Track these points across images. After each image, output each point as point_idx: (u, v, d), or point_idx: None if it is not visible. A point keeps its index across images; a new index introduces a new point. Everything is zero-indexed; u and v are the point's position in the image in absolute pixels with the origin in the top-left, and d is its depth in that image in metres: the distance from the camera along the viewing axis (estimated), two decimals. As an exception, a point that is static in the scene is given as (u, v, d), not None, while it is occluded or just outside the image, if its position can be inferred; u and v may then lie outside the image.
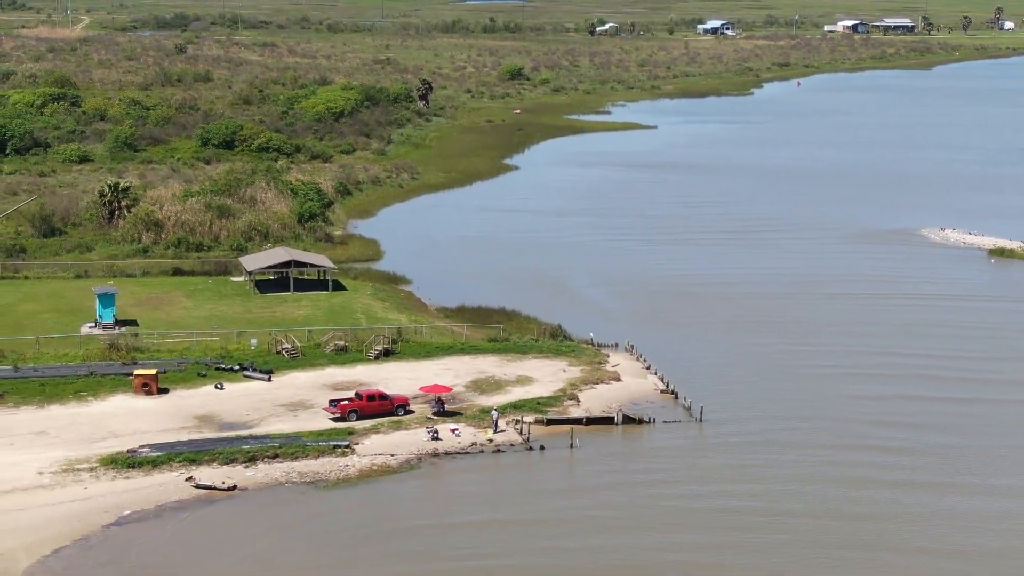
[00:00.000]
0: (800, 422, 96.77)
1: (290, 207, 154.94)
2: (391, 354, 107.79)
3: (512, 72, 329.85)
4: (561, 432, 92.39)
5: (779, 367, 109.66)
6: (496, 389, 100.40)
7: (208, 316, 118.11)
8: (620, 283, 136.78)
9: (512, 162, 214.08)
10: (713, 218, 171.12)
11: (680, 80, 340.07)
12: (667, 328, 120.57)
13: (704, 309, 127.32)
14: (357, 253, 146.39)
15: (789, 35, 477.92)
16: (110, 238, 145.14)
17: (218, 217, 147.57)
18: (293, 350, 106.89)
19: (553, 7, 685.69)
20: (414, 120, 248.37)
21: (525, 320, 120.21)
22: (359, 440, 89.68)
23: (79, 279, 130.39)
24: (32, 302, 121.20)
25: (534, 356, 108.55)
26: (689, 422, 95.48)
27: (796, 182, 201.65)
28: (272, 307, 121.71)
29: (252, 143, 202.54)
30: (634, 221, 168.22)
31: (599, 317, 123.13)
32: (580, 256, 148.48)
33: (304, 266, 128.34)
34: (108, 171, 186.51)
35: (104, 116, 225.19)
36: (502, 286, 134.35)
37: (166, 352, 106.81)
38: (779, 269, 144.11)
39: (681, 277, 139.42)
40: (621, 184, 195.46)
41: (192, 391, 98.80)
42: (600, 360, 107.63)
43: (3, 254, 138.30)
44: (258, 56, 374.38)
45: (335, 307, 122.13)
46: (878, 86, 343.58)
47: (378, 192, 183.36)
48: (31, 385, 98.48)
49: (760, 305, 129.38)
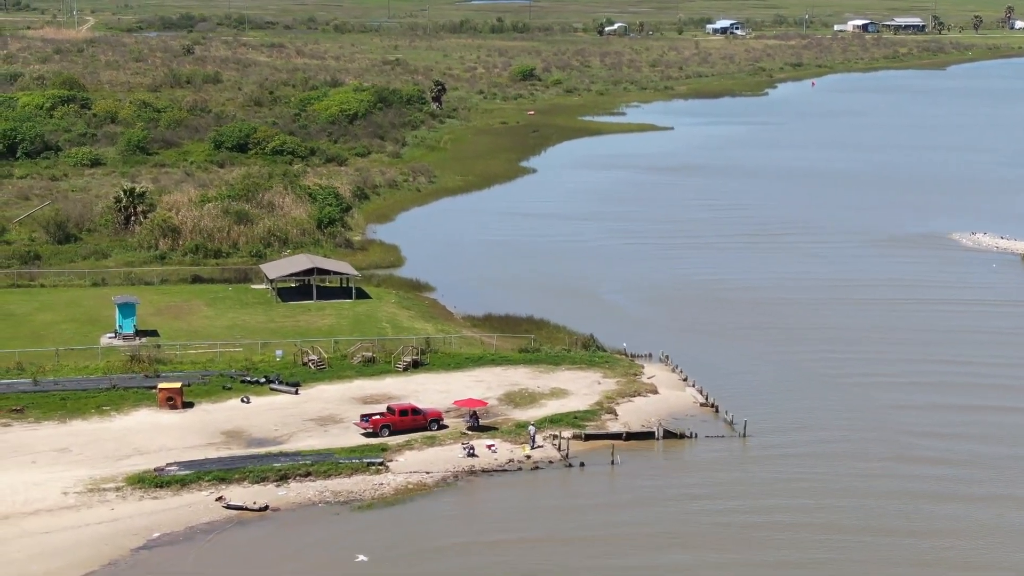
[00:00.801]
0: (845, 433, 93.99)
1: (309, 212, 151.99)
2: (420, 365, 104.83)
3: (524, 73, 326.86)
4: (600, 448, 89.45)
5: (817, 376, 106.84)
6: (530, 402, 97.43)
7: (230, 325, 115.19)
8: (647, 289, 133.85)
9: (529, 164, 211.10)
10: (738, 222, 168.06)
11: (693, 81, 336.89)
12: (700, 337, 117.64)
13: (735, 316, 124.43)
14: (378, 259, 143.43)
15: (799, 35, 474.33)
16: (126, 244, 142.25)
17: (236, 223, 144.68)
18: (320, 362, 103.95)
19: (559, 7, 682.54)
20: (428, 122, 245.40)
21: (554, 329, 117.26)
22: (393, 457, 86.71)
23: (96, 287, 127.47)
24: (49, 311, 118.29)
25: (567, 367, 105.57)
26: (732, 437, 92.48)
27: (818, 185, 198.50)
28: (295, 316, 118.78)
29: (266, 146, 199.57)
30: (657, 226, 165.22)
31: (629, 325, 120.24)
32: (605, 261, 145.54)
33: (327, 273, 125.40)
34: (121, 175, 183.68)
35: (115, 118, 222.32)
36: (528, 293, 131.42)
37: (189, 364, 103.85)
38: (809, 274, 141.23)
39: (709, 283, 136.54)
40: (641, 187, 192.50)
41: (218, 405, 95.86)
42: (635, 372, 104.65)
43: (18, 261, 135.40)
44: (266, 57, 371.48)
45: (360, 316, 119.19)
46: (893, 86, 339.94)
47: (396, 196, 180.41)
48: (51, 399, 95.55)
49: (792, 312, 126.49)
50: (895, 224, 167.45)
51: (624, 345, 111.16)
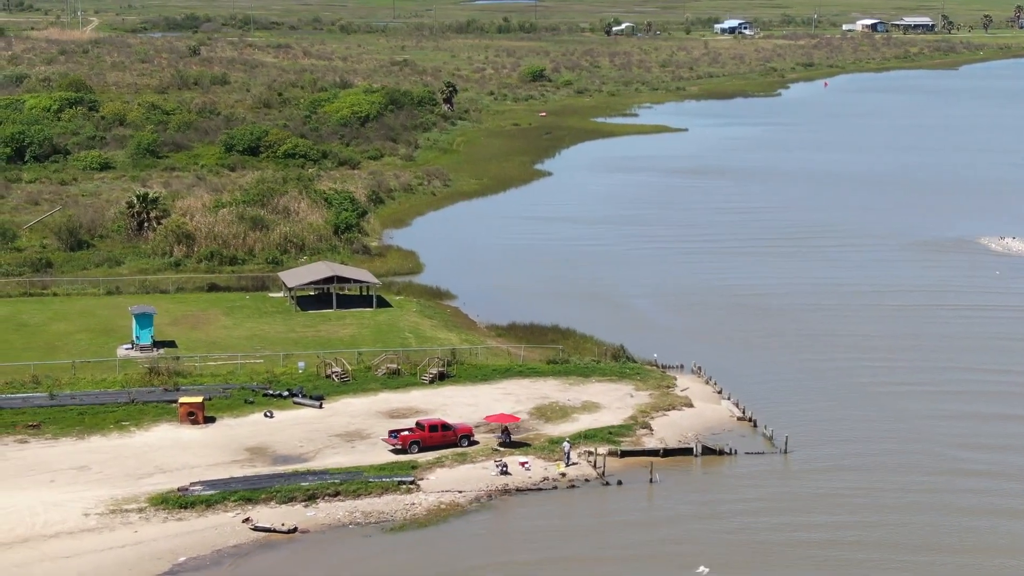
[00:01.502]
0: (887, 446, 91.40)
1: (325, 218, 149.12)
2: (446, 377, 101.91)
3: (534, 74, 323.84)
4: (637, 465, 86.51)
5: (850, 386, 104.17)
6: (562, 417, 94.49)
7: (249, 336, 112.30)
8: (673, 296, 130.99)
9: (544, 167, 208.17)
10: (760, 226, 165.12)
11: (704, 81, 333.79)
12: (728, 345, 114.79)
13: (763, 323, 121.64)
14: (396, 266, 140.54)
15: (808, 34, 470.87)
16: (140, 251, 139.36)
17: (251, 229, 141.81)
18: (343, 374, 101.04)
19: (565, 7, 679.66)
20: (439, 124, 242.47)
21: (581, 339, 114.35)
22: (424, 475, 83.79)
23: (110, 296, 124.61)
24: (63, 321, 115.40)
25: (597, 379, 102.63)
26: (773, 453, 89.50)
27: (840, 187, 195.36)
28: (315, 325, 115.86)
29: (278, 149, 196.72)
30: (679, 230, 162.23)
31: (656, 334, 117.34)
32: (628, 267, 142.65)
33: (347, 282, 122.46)
34: (131, 179, 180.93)
35: (123, 121, 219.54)
36: (552, 301, 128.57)
37: (209, 376, 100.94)
38: (836, 280, 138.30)
39: (734, 289, 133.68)
40: (660, 190, 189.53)
41: (240, 420, 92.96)
42: (668, 384, 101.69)
43: (29, 268, 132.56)
44: (273, 58, 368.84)
45: (381, 325, 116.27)
46: (907, 87, 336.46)
47: (411, 200, 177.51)
48: (69, 414, 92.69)
49: (820, 318, 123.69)
50: (921, 228, 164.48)
51: (655, 356, 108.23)
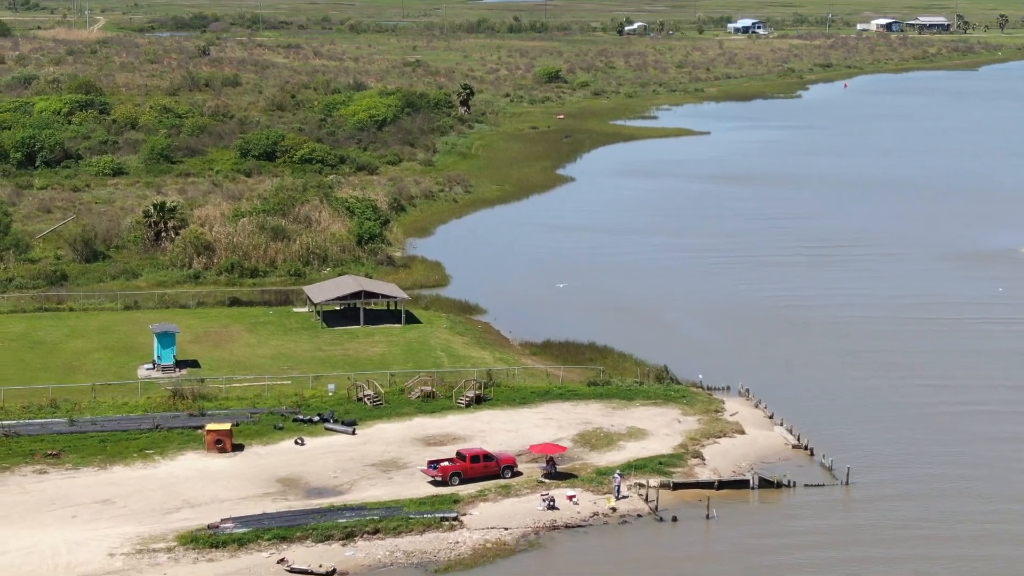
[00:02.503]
0: (952, 470, 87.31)
1: (347, 227, 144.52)
2: (483, 401, 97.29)
3: (549, 75, 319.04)
4: (691, 498, 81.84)
5: (902, 407, 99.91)
6: (607, 444, 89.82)
7: (275, 355, 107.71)
8: (709, 310, 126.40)
9: (566, 172, 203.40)
10: (794, 234, 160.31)
11: (722, 82, 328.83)
12: (775, 363, 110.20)
13: (809, 339, 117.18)
14: (422, 278, 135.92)
15: (824, 34, 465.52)
16: (157, 263, 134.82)
17: (272, 239, 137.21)
18: (376, 397, 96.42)
19: (574, 5, 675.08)
20: (457, 127, 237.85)
21: (620, 357, 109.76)
22: (467, 510, 79.13)
23: (128, 311, 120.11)
24: (80, 338, 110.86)
25: (641, 403, 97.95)
26: (833, 485, 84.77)
27: (872, 193, 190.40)
28: (343, 343, 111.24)
29: (294, 154, 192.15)
30: (709, 239, 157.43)
31: (697, 351, 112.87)
32: (662, 279, 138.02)
33: (375, 297, 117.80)
34: (145, 185, 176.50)
35: (135, 124, 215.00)
36: (584, 315, 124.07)
37: (235, 400, 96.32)
38: (879, 293, 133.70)
39: (774, 302, 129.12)
40: (687, 197, 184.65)
41: (270, 448, 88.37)
42: (716, 408, 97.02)
43: (44, 281, 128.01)
44: (283, 58, 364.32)
45: (412, 343, 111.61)
46: (928, 88, 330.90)
47: (433, 207, 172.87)
48: (90, 442, 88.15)
49: (868, 334, 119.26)
50: (960, 237, 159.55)
51: (700, 377, 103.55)
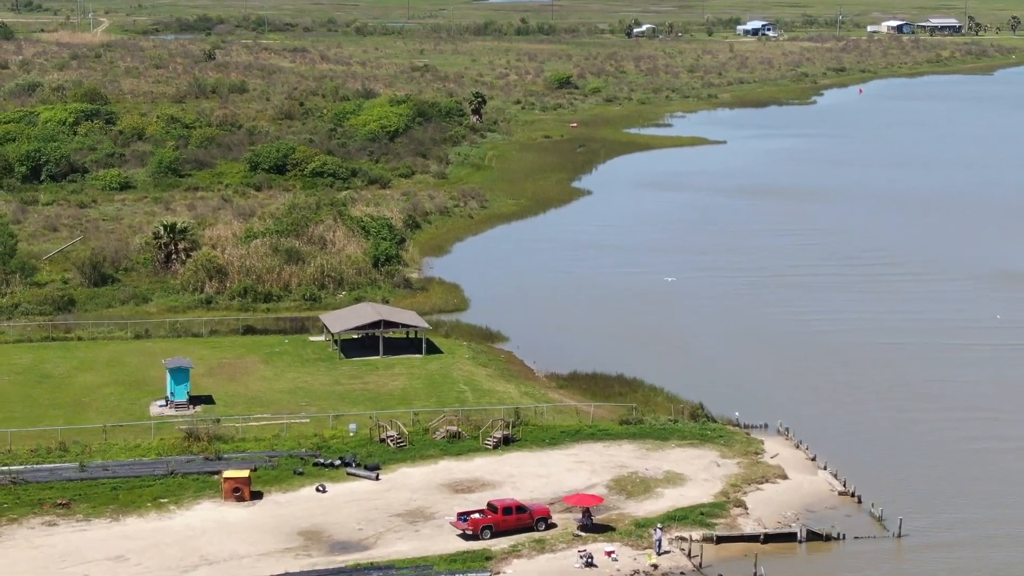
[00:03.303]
0: (1004, 512, 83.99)
1: (363, 248, 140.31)
2: (511, 441, 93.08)
3: (560, 80, 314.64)
4: (736, 553, 77.63)
5: (952, 443, 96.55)
6: (644, 491, 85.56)
7: (292, 389, 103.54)
8: (739, 336, 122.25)
9: (582, 185, 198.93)
10: (823, 253, 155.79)
11: (735, 88, 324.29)
12: (810, 397, 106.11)
13: (846, 369, 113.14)
14: (441, 302, 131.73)
15: (834, 36, 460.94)
16: (168, 286, 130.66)
17: (286, 262, 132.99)
18: (399, 439, 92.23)
19: (581, 5, 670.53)
20: (469, 136, 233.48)
21: (650, 391, 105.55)
22: (500, 567, 74.98)
23: (139, 340, 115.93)
24: (90, 371, 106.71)
25: (677, 443, 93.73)
26: (884, 537, 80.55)
27: (900, 207, 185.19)
28: (362, 376, 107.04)
29: (305, 167, 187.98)
30: (734, 257, 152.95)
31: (729, 383, 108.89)
32: (687, 302, 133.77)
33: (394, 326, 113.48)
34: (153, 201, 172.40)
35: (142, 135, 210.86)
36: (610, 343, 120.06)
37: (252, 441, 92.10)
38: (917, 316, 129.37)
39: (807, 327, 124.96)
40: (707, 211, 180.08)
41: (290, 495, 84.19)
42: (755, 449, 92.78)
43: (51, 306, 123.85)
44: (290, 63, 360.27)
45: (433, 376, 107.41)
46: (945, 93, 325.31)
47: (448, 224, 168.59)
48: (101, 489, 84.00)
49: (910, 362, 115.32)
50: (997, 256, 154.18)
51: (736, 415, 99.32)
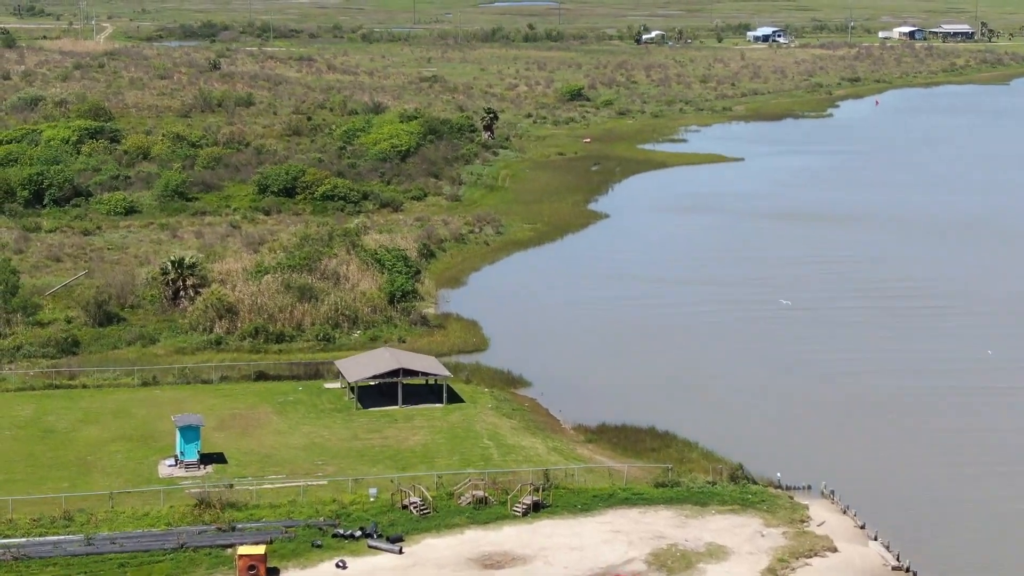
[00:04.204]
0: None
1: (378, 283, 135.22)
2: (541, 507, 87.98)
3: (571, 92, 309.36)
4: (788, 640, 72.69)
5: (1012, 503, 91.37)
6: (686, 567, 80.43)
7: (308, 444, 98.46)
8: (774, 381, 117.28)
9: (599, 207, 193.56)
10: (854, 284, 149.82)
11: (749, 99, 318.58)
12: (854, 451, 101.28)
13: (888, 419, 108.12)
14: (460, 341, 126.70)
15: (846, 43, 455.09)
16: (176, 326, 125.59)
17: (299, 300, 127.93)
18: (423, 506, 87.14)
19: (587, 9, 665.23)
20: (481, 154, 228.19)
21: (684, 446, 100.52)
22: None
23: (146, 387, 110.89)
24: (95, 424, 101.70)
25: (716, 509, 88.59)
26: (945, 622, 75.67)
27: (932, 233, 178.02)
28: (381, 429, 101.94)
29: (315, 190, 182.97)
30: (760, 290, 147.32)
31: (766, 435, 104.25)
32: (713, 341, 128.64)
33: (414, 374, 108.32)
34: (160, 228, 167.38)
35: (147, 155, 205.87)
36: (638, 387, 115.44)
37: (267, 508, 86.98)
38: (963, 357, 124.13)
39: (841, 369, 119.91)
40: (729, 236, 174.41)
41: (308, 572, 79.19)
42: (801, 517, 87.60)
43: (54, 349, 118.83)
44: (296, 72, 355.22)
45: (455, 429, 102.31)
46: (963, 106, 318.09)
47: (463, 252, 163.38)
48: (108, 565, 79.14)
49: (952, 410, 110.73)
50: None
51: (778, 476, 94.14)
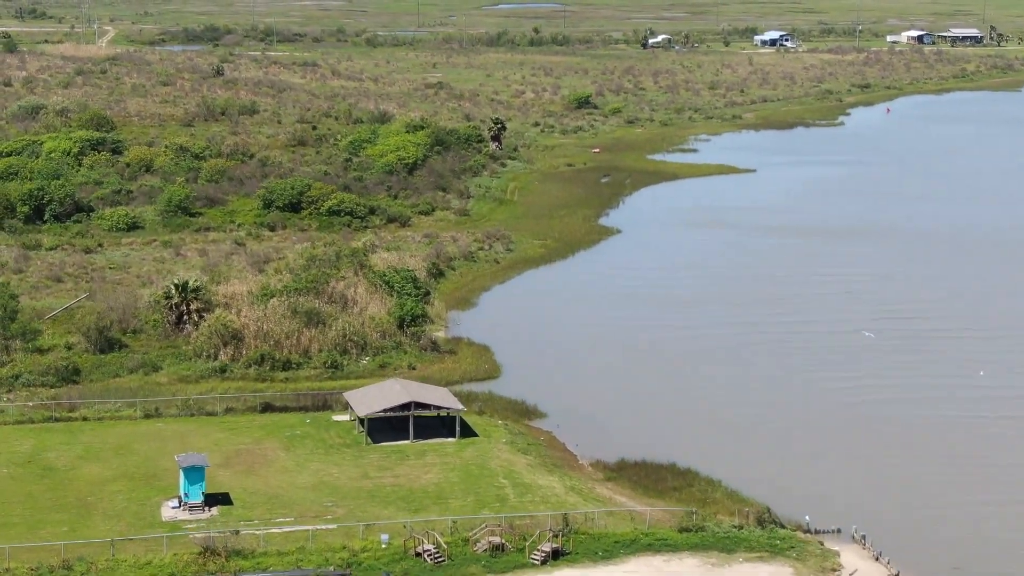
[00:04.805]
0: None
1: (387, 306, 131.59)
2: (561, 555, 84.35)
3: (579, 100, 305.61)
4: None
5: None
6: (714, 621, 76.98)
7: (316, 484, 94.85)
8: (794, 410, 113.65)
9: (610, 222, 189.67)
10: (889, 309, 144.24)
11: (759, 107, 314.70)
12: (883, 489, 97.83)
13: (917, 454, 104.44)
14: (471, 368, 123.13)
15: (855, 48, 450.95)
16: (180, 353, 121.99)
17: (306, 325, 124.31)
18: (437, 552, 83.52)
19: (592, 12, 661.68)
20: (489, 166, 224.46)
21: (707, 485, 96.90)
22: None
23: (149, 419, 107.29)
24: (96, 461, 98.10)
25: (744, 556, 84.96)
26: None
27: (955, 252, 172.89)
28: (392, 467, 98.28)
29: (321, 205, 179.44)
30: (786, 317, 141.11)
31: (792, 471, 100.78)
32: (733, 368, 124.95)
33: (426, 408, 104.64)
34: (163, 245, 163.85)
35: (150, 167, 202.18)
36: (656, 417, 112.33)
37: (274, 555, 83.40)
38: (989, 385, 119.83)
39: (869, 398, 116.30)
40: (745, 254, 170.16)
41: (320, 627, 75.66)
42: (832, 565, 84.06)
43: (54, 377, 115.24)
44: (300, 78, 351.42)
45: (469, 467, 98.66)
46: (976, 114, 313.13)
47: (473, 271, 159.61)
48: (109, 621, 75.54)
49: (987, 443, 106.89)
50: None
51: (807, 519, 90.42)
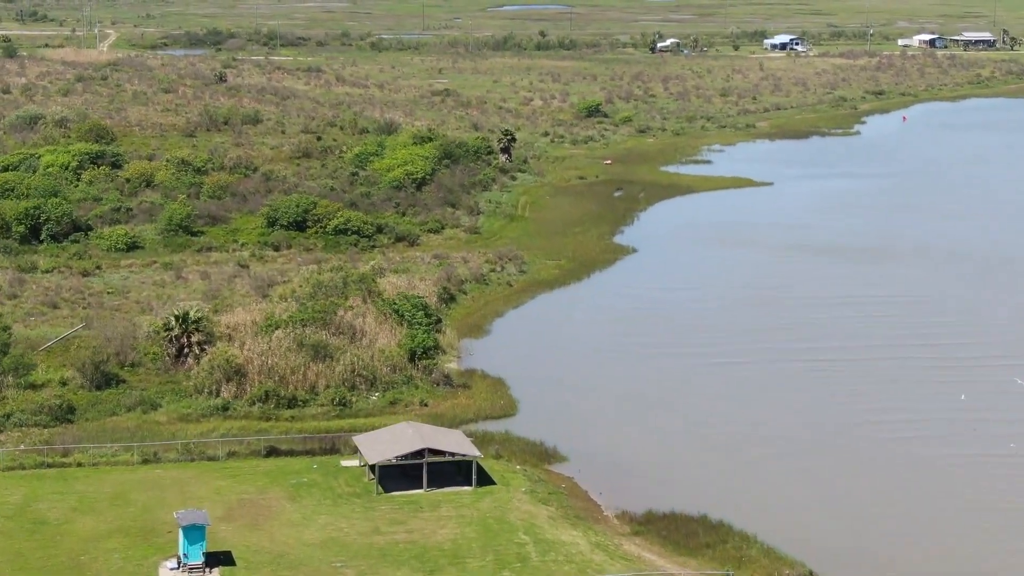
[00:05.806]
0: None
1: (398, 338, 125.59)
2: (590, 624, 78.57)
3: (589, 108, 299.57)
4: None
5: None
6: None
7: (324, 540, 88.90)
8: (842, 460, 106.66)
9: (625, 240, 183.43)
10: (925, 336, 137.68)
11: (772, 115, 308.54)
12: (933, 549, 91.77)
13: (963, 502, 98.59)
14: (486, 405, 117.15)
15: (866, 52, 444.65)
16: (180, 389, 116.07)
17: (312, 359, 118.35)
18: (457, 623, 77.68)
19: (598, 13, 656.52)
20: (499, 179, 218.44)
21: (742, 540, 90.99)
22: None
23: (147, 464, 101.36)
24: (90, 514, 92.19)
25: (786, 626, 79.16)
26: None
27: (988, 273, 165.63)
28: (406, 521, 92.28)
29: (327, 224, 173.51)
30: (814, 344, 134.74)
31: (830, 526, 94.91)
32: (763, 403, 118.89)
33: (440, 454, 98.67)
34: (163, 267, 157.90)
35: (150, 182, 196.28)
36: (685, 463, 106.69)
37: (282, 625, 77.68)
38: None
39: (914, 439, 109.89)
40: (767, 275, 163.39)
41: None
42: (882, 637, 78.15)
43: (48, 416, 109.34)
44: (304, 84, 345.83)
45: (487, 520, 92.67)
46: (994, 122, 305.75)
47: (485, 295, 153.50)
48: None
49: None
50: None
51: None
